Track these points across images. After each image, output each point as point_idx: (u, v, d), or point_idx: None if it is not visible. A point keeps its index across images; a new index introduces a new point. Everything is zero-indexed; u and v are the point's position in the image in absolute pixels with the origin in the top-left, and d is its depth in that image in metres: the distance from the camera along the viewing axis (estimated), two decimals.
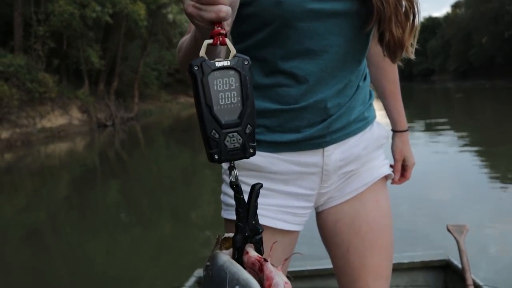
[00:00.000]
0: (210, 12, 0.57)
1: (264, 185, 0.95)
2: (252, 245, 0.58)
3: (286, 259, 0.74)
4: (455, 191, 5.08)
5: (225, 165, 1.03)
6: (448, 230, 2.18)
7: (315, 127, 0.94)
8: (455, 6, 65.49)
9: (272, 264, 0.54)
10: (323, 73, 0.91)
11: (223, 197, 1.04)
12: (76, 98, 17.60)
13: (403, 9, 0.86)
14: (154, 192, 6.79)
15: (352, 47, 0.92)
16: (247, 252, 0.56)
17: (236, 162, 0.63)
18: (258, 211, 0.61)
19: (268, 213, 0.97)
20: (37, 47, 16.55)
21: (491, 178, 5.56)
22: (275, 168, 0.97)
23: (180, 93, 28.95)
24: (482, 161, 6.64)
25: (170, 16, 23.23)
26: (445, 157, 6.90)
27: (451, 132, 9.85)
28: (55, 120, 15.86)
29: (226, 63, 0.56)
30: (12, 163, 11.02)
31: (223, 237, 0.59)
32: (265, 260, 0.54)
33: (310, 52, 0.89)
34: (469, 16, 53.79)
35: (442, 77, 61.04)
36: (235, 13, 0.65)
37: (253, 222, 0.57)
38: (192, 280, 2.16)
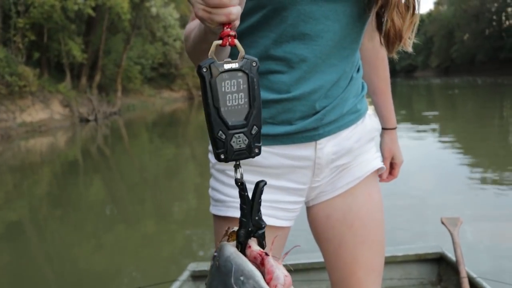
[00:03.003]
0: (220, 15, 0.58)
1: (254, 179, 0.92)
2: (255, 239, 0.60)
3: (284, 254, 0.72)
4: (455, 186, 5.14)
5: (213, 159, 1.00)
6: (442, 222, 2.20)
7: (307, 119, 0.92)
8: (437, 3, 66.29)
9: (274, 257, 0.57)
10: (318, 59, 0.88)
11: (211, 192, 1.01)
12: (57, 92, 17.29)
13: (404, 0, 0.86)
14: (137, 188, 6.74)
15: (347, 34, 0.90)
16: (250, 246, 0.59)
17: None
18: None
19: None
20: (16, 39, 16.18)
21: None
22: (266, 162, 0.94)
23: (164, 88, 28.73)
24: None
25: (154, 10, 22.95)
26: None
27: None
28: (35, 114, 15.56)
29: (235, 65, 0.58)
30: None
31: (231, 230, 0.62)
32: (266, 254, 0.57)
33: (304, 37, 0.86)
34: (451, 14, 54.55)
35: (425, 73, 61.83)
36: (243, 7, 0.63)
37: (256, 218, 0.60)
38: (186, 274, 2.16)
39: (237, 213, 0.91)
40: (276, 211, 0.97)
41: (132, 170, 8.36)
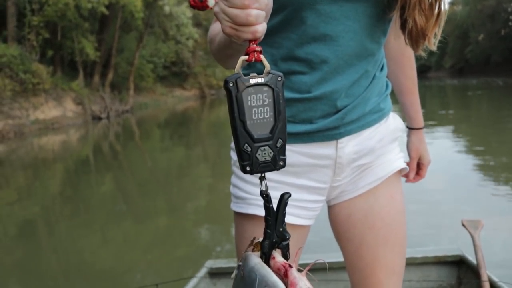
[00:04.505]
0: (247, 33, 0.60)
1: (274, 178, 0.92)
2: (279, 250, 0.61)
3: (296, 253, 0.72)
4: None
5: (234, 157, 1.01)
6: (463, 225, 2.17)
7: (328, 118, 0.92)
8: (452, 3, 65.64)
9: (299, 269, 0.57)
10: (339, 60, 0.88)
11: (232, 189, 1.02)
12: (70, 89, 17.41)
13: None
14: (150, 185, 6.74)
15: (368, 34, 0.89)
16: (274, 257, 0.60)
17: None
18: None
19: None
20: (31, 37, 16.32)
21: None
22: (287, 160, 0.90)
23: (176, 86, 28.81)
24: None
25: (167, 8, 23.00)
26: None
27: None
28: (48, 111, 15.69)
29: (260, 80, 0.59)
30: (4, 155, 10.88)
31: (256, 241, 0.63)
32: (290, 266, 0.57)
33: (326, 38, 0.86)
34: (466, 14, 53.95)
35: (438, 74, 61.27)
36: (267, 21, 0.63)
37: (281, 229, 0.61)
38: (203, 271, 2.18)
39: (257, 211, 0.96)
40: (296, 210, 0.97)
41: (144, 168, 8.37)
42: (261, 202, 0.92)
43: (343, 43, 0.87)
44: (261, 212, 0.92)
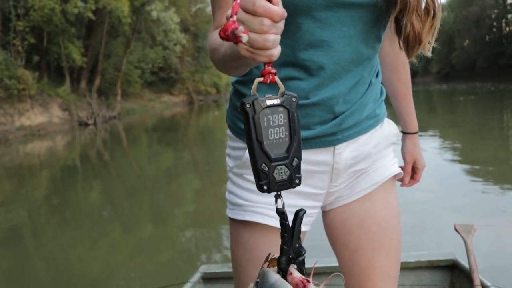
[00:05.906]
0: (263, 57, 0.60)
1: None
2: (295, 266, 0.62)
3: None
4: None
5: (230, 163, 1.02)
6: (456, 229, 2.18)
7: (326, 124, 0.93)
8: None
9: (315, 283, 0.59)
10: (336, 66, 0.89)
11: (228, 196, 1.02)
12: (56, 95, 17.26)
13: (424, 4, 0.87)
14: (137, 192, 6.67)
15: (364, 40, 0.90)
16: (291, 273, 0.61)
17: (243, 160, 0.82)
18: (264, 211, 0.68)
19: (275, 214, 0.92)
20: (16, 42, 16.17)
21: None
22: None
23: (164, 92, 28.72)
24: None
25: (154, 14, 22.95)
26: None
27: None
28: (34, 118, 15.51)
29: (276, 101, 0.60)
30: None
31: (272, 257, 0.64)
32: (308, 281, 0.59)
33: (322, 44, 0.87)
34: (451, 19, 54.77)
35: (425, 79, 62.02)
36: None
37: (297, 245, 0.63)
38: (197, 276, 2.17)
39: (255, 218, 0.96)
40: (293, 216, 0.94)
41: (132, 175, 8.30)
42: (258, 208, 0.97)
43: (339, 49, 0.88)
44: (258, 219, 0.96)
